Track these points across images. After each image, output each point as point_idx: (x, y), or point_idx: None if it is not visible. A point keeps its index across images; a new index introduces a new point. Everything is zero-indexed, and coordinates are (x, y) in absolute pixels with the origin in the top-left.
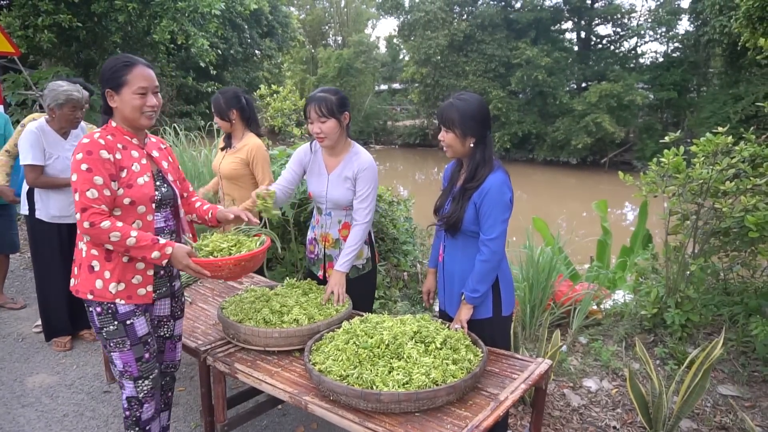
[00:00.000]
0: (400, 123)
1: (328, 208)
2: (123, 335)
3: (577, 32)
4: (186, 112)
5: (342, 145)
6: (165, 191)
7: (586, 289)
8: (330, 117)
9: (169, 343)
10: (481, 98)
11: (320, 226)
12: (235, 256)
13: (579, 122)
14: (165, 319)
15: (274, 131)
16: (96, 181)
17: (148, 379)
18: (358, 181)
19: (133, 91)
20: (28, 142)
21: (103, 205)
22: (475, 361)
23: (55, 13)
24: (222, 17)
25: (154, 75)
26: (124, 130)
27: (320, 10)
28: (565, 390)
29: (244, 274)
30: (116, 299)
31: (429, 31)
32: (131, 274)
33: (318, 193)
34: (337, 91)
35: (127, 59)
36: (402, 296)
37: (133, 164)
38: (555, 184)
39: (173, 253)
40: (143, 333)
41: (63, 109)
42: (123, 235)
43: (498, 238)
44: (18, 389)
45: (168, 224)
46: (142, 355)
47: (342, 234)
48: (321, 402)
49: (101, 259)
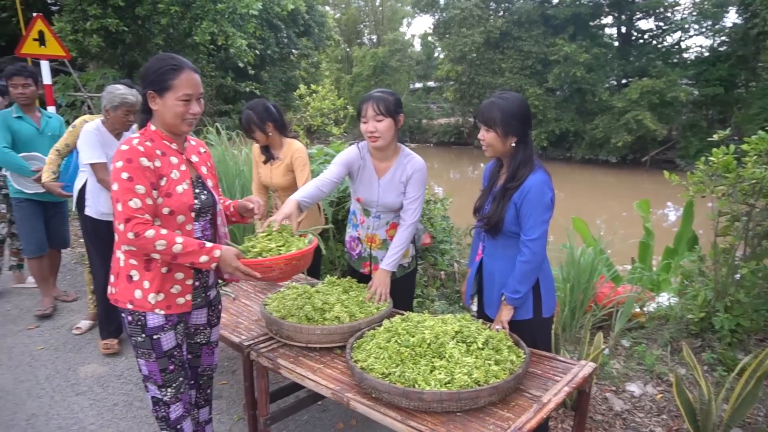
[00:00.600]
0: (435, 121)
1: (378, 212)
2: (149, 348)
3: (617, 27)
4: (225, 111)
5: (392, 148)
6: (204, 199)
7: (628, 291)
8: (387, 116)
9: (206, 348)
10: (523, 97)
11: (366, 227)
12: (285, 255)
13: (619, 120)
14: (201, 327)
15: (310, 130)
16: (138, 190)
17: (171, 387)
18: (410, 183)
19: (177, 97)
20: (89, 141)
21: (147, 214)
22: (517, 362)
23: (103, 17)
24: (259, 18)
25: (200, 80)
26: (163, 134)
27: (355, 9)
28: (607, 394)
29: (294, 274)
30: (155, 309)
31: (464, 29)
32: (170, 284)
33: (369, 199)
34: (393, 93)
35: (174, 62)
36: (439, 295)
37: (172, 171)
38: (594, 184)
39: (222, 256)
40: (169, 347)
41: (117, 112)
42: (169, 242)
43: (539, 238)
44: (72, 378)
45: (205, 234)
46: (167, 367)
47: (389, 234)
48: (363, 399)
49: (140, 269)
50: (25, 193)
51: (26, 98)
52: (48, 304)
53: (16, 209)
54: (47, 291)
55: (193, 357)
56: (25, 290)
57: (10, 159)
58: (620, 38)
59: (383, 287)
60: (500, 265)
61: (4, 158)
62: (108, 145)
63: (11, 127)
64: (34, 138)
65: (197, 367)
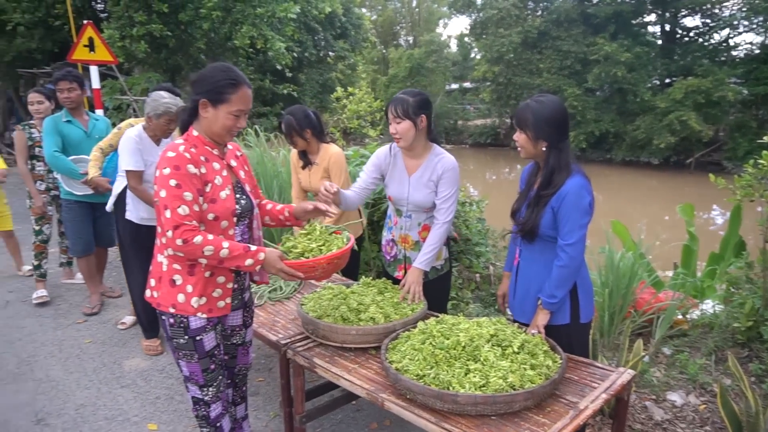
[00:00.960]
0: (471, 122)
1: (409, 211)
2: (192, 349)
3: (661, 25)
4: (263, 114)
5: (422, 147)
6: (244, 203)
7: (670, 298)
8: (404, 118)
9: (241, 348)
10: (561, 102)
11: (399, 228)
12: (327, 255)
13: (662, 120)
14: (237, 328)
15: (346, 132)
16: (186, 197)
17: (212, 386)
18: (441, 182)
19: (230, 111)
20: (128, 149)
21: (194, 221)
22: (553, 367)
23: (148, 23)
24: (297, 21)
25: (252, 95)
26: (205, 140)
27: (392, 10)
28: (647, 402)
29: (334, 272)
30: (198, 313)
31: (502, 29)
32: (212, 288)
33: (399, 197)
34: (418, 93)
35: (234, 77)
36: (474, 298)
37: (215, 177)
38: (634, 186)
39: (266, 258)
40: (211, 347)
41: (159, 120)
42: (216, 247)
43: (576, 243)
44: (117, 371)
45: (244, 237)
46: (208, 366)
47: (422, 236)
48: (397, 400)
49: (183, 274)
50: (74, 195)
51: (72, 102)
52: (95, 301)
53: (66, 210)
54: (95, 288)
55: (229, 358)
56: (74, 286)
57: (60, 163)
58: (664, 36)
59: (416, 285)
60: (537, 270)
61: (55, 162)
62: (148, 151)
63: (61, 131)
64: (82, 141)
65: (233, 367)
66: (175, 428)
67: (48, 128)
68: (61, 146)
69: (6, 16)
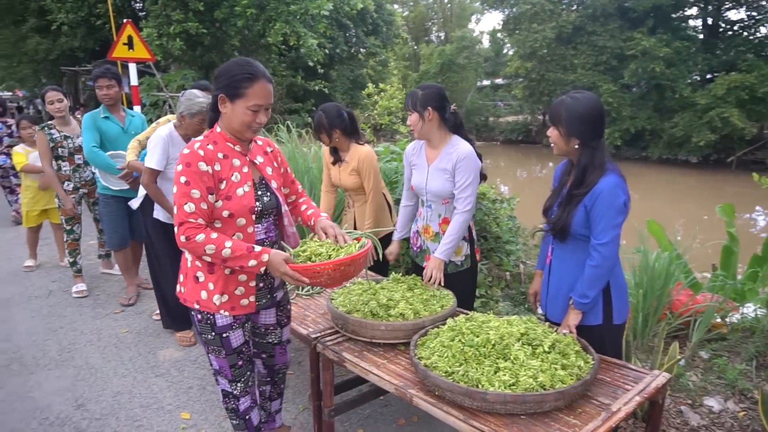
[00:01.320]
0: (502, 119)
1: (429, 200)
2: (219, 345)
3: (702, 19)
4: (294, 110)
5: (438, 138)
6: (267, 200)
7: (708, 300)
8: (413, 110)
9: (279, 348)
10: (597, 100)
11: (422, 218)
12: (333, 261)
13: (702, 117)
14: (272, 327)
15: (377, 128)
16: (193, 194)
17: (241, 381)
18: (457, 171)
19: (248, 106)
20: (157, 147)
21: (200, 218)
22: (585, 368)
23: (185, 21)
24: (329, 17)
25: (272, 90)
26: (227, 136)
27: (424, 6)
28: (682, 407)
29: (344, 280)
30: (220, 310)
31: (535, 24)
32: (234, 286)
33: (419, 185)
34: (429, 87)
35: (251, 71)
36: (504, 296)
37: (233, 174)
38: (671, 185)
39: (270, 261)
40: (238, 344)
41: (193, 119)
42: (218, 247)
43: (610, 242)
44: (152, 360)
45: (269, 235)
46: (236, 363)
47: (442, 228)
48: (426, 396)
49: (205, 271)
50: (111, 190)
51: (110, 99)
52: (132, 293)
53: (103, 204)
54: (131, 280)
55: (267, 356)
56: (112, 276)
57: (99, 158)
58: (706, 30)
59: (436, 270)
60: (569, 269)
61: (94, 158)
62: (177, 149)
63: (99, 127)
64: (119, 137)
65: (273, 366)
66: (207, 417)
67: (87, 124)
68: (99, 142)
69: (51, 16)
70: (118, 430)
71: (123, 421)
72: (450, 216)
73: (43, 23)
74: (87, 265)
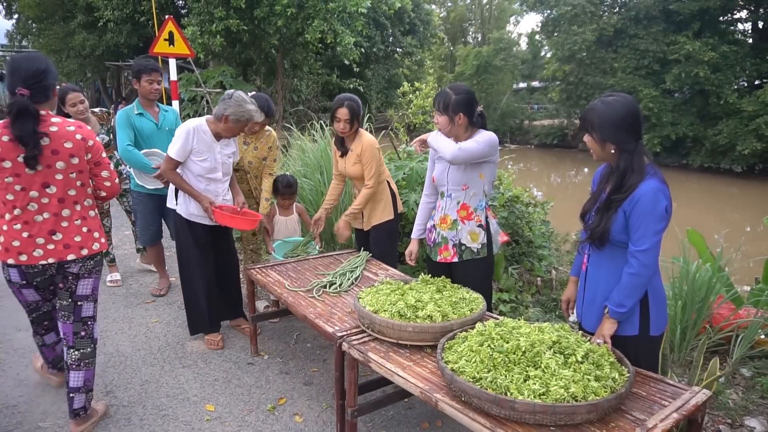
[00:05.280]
0: (538, 122)
1: (449, 190)
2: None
3: (753, 22)
4: (328, 108)
5: (465, 137)
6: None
7: (752, 315)
8: (443, 113)
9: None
10: (632, 103)
11: (441, 210)
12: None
13: (748, 125)
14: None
15: (410, 128)
16: None
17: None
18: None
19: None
20: (179, 137)
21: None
22: (620, 380)
23: (226, 18)
24: (367, 16)
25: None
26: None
27: (463, 7)
28: (721, 426)
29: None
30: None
31: (575, 26)
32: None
33: (440, 176)
34: (462, 90)
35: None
36: (534, 302)
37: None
38: (713, 194)
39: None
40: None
41: (237, 124)
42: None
43: (649, 250)
44: (180, 352)
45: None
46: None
47: (460, 215)
48: (452, 401)
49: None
50: (145, 188)
51: (157, 93)
52: (164, 284)
53: (137, 202)
54: (164, 273)
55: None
56: (145, 267)
57: (134, 157)
58: (756, 34)
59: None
60: (606, 276)
61: (129, 156)
62: (208, 146)
63: (133, 123)
64: (153, 134)
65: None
66: (231, 411)
67: (121, 121)
68: (133, 139)
69: (98, 13)
70: (144, 418)
71: (149, 409)
72: (469, 202)
73: (90, 19)
74: (121, 255)
